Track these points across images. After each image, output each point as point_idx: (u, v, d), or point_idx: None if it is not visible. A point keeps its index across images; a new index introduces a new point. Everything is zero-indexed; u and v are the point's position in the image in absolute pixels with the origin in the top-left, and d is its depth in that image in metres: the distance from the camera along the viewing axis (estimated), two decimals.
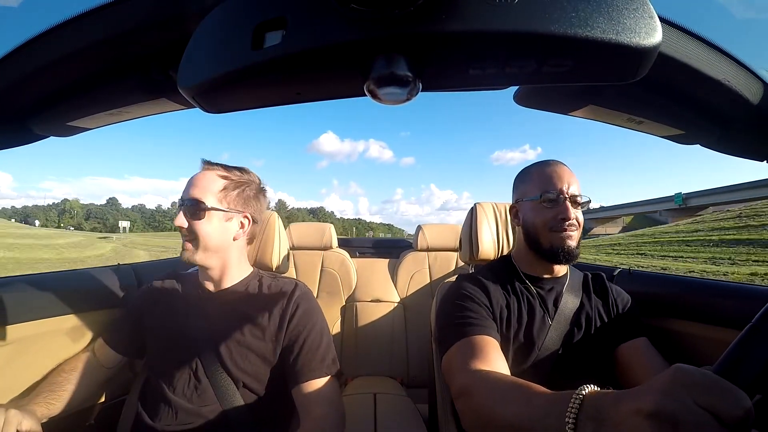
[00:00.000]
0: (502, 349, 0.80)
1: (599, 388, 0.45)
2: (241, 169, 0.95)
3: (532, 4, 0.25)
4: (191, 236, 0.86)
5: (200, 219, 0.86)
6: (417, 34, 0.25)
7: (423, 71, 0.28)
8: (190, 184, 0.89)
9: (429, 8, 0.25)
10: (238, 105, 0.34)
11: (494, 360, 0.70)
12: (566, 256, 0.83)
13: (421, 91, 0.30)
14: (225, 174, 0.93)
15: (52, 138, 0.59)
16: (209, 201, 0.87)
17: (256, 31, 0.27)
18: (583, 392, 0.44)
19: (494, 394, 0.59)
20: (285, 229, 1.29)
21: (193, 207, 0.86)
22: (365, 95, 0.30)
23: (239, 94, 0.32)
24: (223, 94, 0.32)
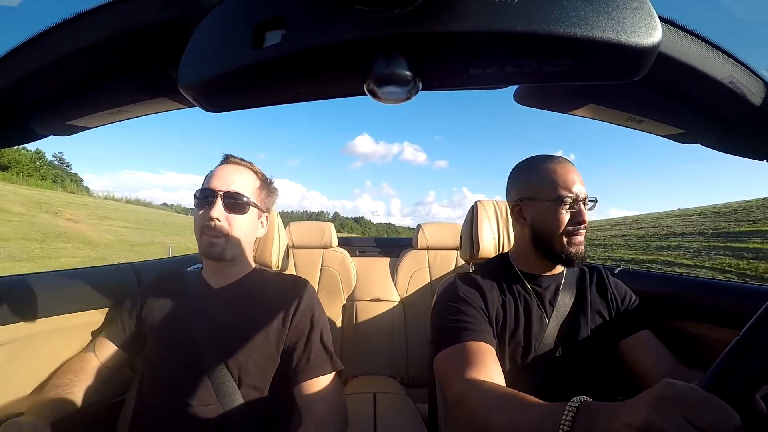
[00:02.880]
0: (499, 350, 0.79)
1: (591, 399, 0.46)
2: (260, 169, 0.95)
3: (532, 3, 0.25)
4: (225, 230, 0.84)
5: (242, 214, 0.86)
6: (417, 33, 0.25)
7: (423, 70, 0.28)
8: (229, 176, 0.86)
9: (429, 8, 0.25)
10: (238, 104, 0.34)
11: (489, 367, 0.69)
12: (579, 259, 0.82)
13: (421, 90, 0.30)
14: (255, 171, 0.93)
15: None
16: (251, 197, 0.87)
17: (257, 31, 0.27)
18: (576, 404, 0.45)
19: (488, 404, 0.59)
20: (285, 228, 1.29)
21: (236, 200, 0.85)
22: (365, 94, 0.30)
23: (239, 93, 0.32)
24: (223, 93, 0.32)
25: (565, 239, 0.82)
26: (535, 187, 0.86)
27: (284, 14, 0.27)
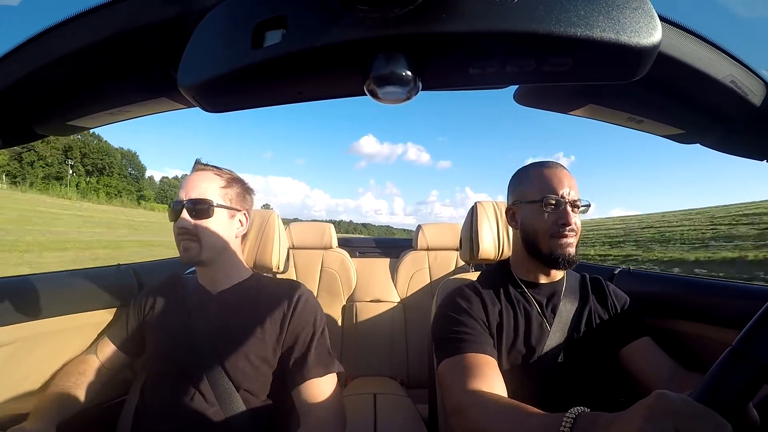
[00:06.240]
0: (500, 359, 0.79)
1: (589, 409, 0.46)
2: (229, 171, 0.96)
3: (532, 3, 0.25)
4: (195, 236, 0.86)
5: (207, 218, 0.87)
6: (417, 33, 0.25)
7: (423, 70, 0.28)
8: (190, 184, 0.88)
9: (429, 7, 0.25)
10: (238, 104, 0.34)
11: (490, 379, 0.69)
12: (566, 262, 0.82)
13: (421, 90, 0.30)
14: (220, 174, 0.93)
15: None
16: (215, 199, 0.88)
17: (257, 30, 0.27)
18: (574, 415, 0.46)
19: (488, 414, 0.59)
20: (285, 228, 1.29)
21: (200, 206, 0.86)
22: (365, 94, 0.30)
23: (239, 93, 0.32)
24: (223, 93, 0.32)
25: (551, 241, 0.82)
26: (523, 190, 0.89)
27: (284, 14, 0.27)
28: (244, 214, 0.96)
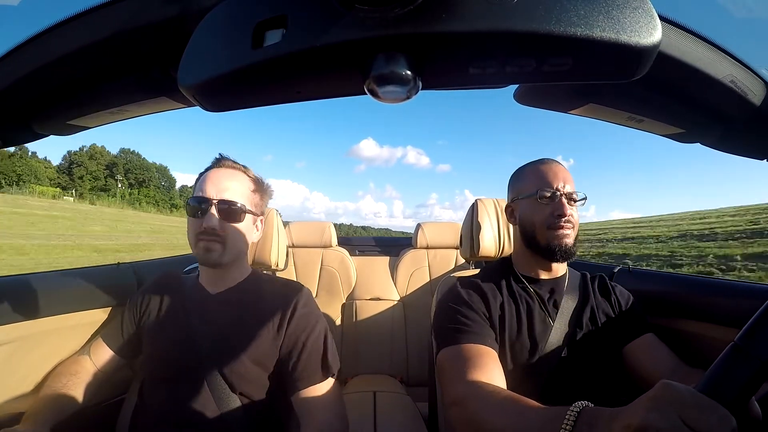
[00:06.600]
0: (503, 354, 0.80)
1: (593, 404, 0.47)
2: (252, 171, 0.94)
3: (531, 3, 0.25)
4: (221, 237, 0.83)
5: (238, 221, 0.84)
6: (417, 33, 0.25)
7: (423, 70, 0.28)
8: (222, 182, 0.84)
9: (429, 7, 0.25)
10: (238, 104, 0.34)
11: (490, 370, 0.69)
12: (563, 253, 0.83)
13: (422, 89, 0.30)
14: (249, 175, 0.91)
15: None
16: (246, 203, 0.86)
17: (257, 30, 0.27)
18: (578, 409, 0.46)
19: (488, 406, 0.59)
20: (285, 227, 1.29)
21: (231, 208, 0.83)
22: (365, 94, 0.30)
23: (239, 92, 0.32)
24: (223, 92, 0.32)
25: (548, 232, 0.84)
26: (520, 186, 0.91)
27: (284, 14, 0.27)
28: (261, 219, 0.95)
